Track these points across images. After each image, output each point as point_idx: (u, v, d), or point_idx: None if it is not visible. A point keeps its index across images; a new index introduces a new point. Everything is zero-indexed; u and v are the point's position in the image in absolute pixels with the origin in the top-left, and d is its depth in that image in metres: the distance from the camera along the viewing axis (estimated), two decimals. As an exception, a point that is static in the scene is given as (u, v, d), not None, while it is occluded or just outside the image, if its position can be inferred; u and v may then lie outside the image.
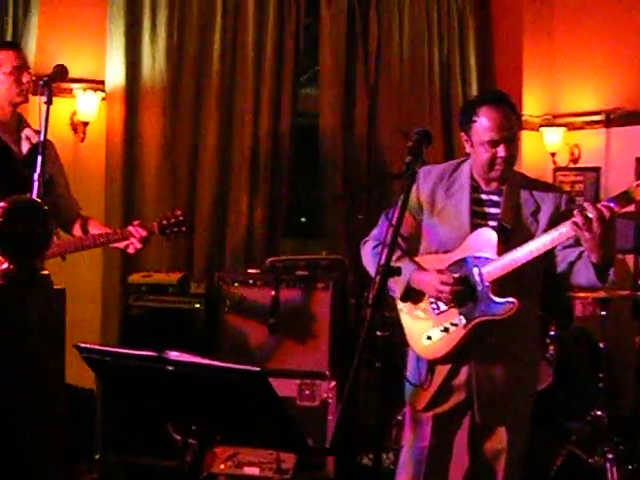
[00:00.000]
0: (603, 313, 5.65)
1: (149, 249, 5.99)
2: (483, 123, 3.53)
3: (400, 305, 3.77)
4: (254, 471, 4.68)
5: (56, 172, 4.53)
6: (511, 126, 3.55)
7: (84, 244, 4.44)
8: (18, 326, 2.41)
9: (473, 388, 3.62)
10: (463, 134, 3.65)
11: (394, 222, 3.04)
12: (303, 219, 7.50)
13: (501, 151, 3.52)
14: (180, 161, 6.27)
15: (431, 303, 3.65)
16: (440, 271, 3.57)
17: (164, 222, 4.56)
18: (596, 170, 7.34)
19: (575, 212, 3.24)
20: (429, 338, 3.64)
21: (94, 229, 4.57)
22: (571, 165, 7.49)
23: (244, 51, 6.42)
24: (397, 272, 2.99)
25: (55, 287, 2.99)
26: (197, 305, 5.39)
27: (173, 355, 2.60)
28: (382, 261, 2.94)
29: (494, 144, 3.52)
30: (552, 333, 5.48)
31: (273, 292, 5.22)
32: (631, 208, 3.29)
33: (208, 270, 6.11)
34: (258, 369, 2.50)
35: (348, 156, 6.84)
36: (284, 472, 4.65)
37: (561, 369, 5.57)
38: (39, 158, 3.47)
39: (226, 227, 6.40)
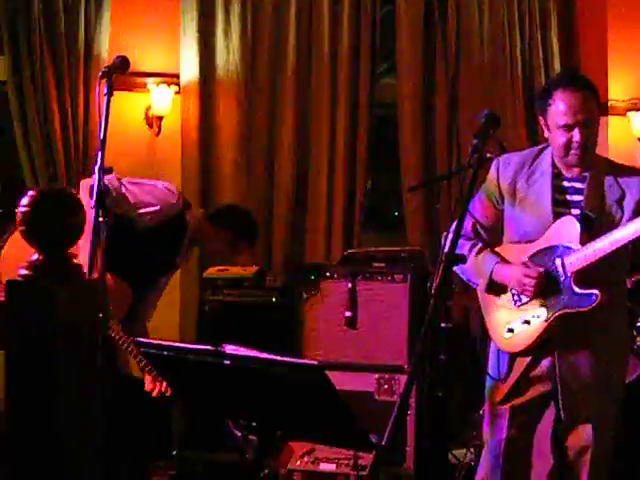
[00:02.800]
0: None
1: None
2: (558, 106, 3.44)
3: (483, 297, 3.70)
4: (331, 467, 4.61)
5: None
6: (588, 110, 3.43)
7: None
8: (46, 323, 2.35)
9: (557, 381, 3.52)
10: (541, 118, 3.57)
11: (479, 218, 2.96)
12: (396, 213, 7.39)
13: (576, 135, 3.42)
14: (256, 155, 6.25)
15: (513, 295, 3.58)
16: (524, 264, 3.50)
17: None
18: (686, 155, 7.09)
19: None
20: (511, 331, 3.57)
21: None
22: (659, 151, 7.25)
23: (319, 43, 6.36)
24: (462, 260, 2.89)
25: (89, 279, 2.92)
26: (273, 299, 5.35)
27: (230, 349, 2.55)
28: (446, 249, 2.83)
29: (569, 128, 3.42)
30: (639, 324, 5.28)
31: (350, 284, 5.12)
32: None
33: (286, 264, 6.06)
34: (316, 363, 2.41)
35: (428, 145, 6.73)
36: (361, 468, 4.57)
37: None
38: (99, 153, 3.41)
39: (304, 220, 6.34)
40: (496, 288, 3.62)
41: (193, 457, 5.26)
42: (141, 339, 2.74)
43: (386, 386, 5.04)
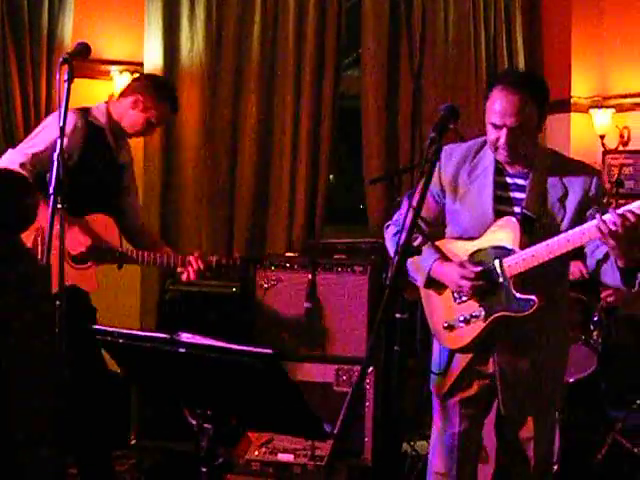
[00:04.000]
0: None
1: (187, 233, 6.01)
2: (492, 103, 3.33)
3: (422, 292, 3.66)
4: (288, 458, 4.62)
5: (128, 164, 4.74)
6: (519, 114, 3.27)
7: (144, 260, 4.50)
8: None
9: (497, 379, 3.51)
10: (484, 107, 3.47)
11: (414, 204, 2.93)
12: (361, 206, 7.39)
13: (502, 137, 3.31)
14: (220, 144, 6.23)
15: (453, 292, 3.53)
16: (462, 264, 3.43)
17: (223, 262, 4.61)
18: (646, 153, 7.17)
19: (597, 219, 3.08)
20: (450, 327, 3.54)
21: (159, 250, 4.60)
22: (620, 148, 7.32)
23: (285, 33, 6.35)
24: (417, 252, 2.90)
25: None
26: (233, 289, 5.35)
27: (185, 337, 2.55)
28: (401, 241, 2.83)
29: (497, 127, 3.33)
30: (596, 319, 5.34)
31: (310, 276, 5.14)
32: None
33: (247, 254, 6.06)
34: (270, 351, 2.42)
35: (391, 138, 6.75)
36: (319, 459, 4.59)
37: (606, 355, 5.43)
38: (59, 141, 3.42)
39: (266, 211, 6.35)
40: (436, 284, 3.56)
41: (152, 446, 5.26)
42: (98, 327, 2.73)
43: (345, 377, 5.05)
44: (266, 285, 5.23)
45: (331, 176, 6.83)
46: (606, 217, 3.07)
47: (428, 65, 6.86)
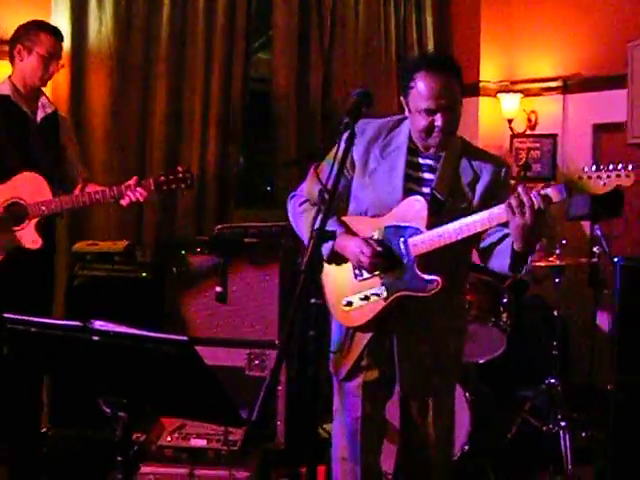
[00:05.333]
0: (557, 280, 5.61)
1: (96, 217, 5.91)
2: (420, 90, 3.32)
3: (325, 268, 3.63)
4: (201, 443, 4.58)
5: (67, 142, 4.95)
6: (451, 94, 3.32)
7: (80, 200, 4.63)
8: None
9: (395, 361, 3.53)
10: (402, 99, 3.47)
11: (328, 185, 2.92)
12: (268, 188, 7.38)
13: (438, 120, 3.32)
14: (129, 127, 6.12)
15: (354, 269, 3.52)
16: (365, 240, 3.43)
17: (161, 179, 4.64)
18: (553, 137, 7.28)
19: (512, 196, 3.10)
20: (349, 304, 3.53)
21: (91, 189, 4.74)
22: (528, 132, 7.43)
23: (194, 17, 6.26)
24: (332, 237, 2.89)
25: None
26: (144, 274, 5.29)
27: (99, 324, 2.51)
28: (316, 225, 2.81)
29: (431, 112, 3.32)
30: (504, 301, 5.42)
31: (221, 260, 5.11)
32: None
33: (157, 239, 5.99)
34: (185, 338, 2.39)
35: (302, 122, 6.74)
36: (232, 444, 4.56)
37: (515, 337, 5.52)
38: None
39: (176, 194, 6.27)
40: (337, 258, 3.53)
41: (64, 434, 5.17)
42: (7, 315, 2.66)
43: (257, 361, 5.05)
44: (176, 270, 5.19)
45: (241, 159, 6.79)
46: (518, 195, 3.09)
47: (338, 47, 6.87)
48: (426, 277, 3.35)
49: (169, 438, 4.60)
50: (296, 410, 5.07)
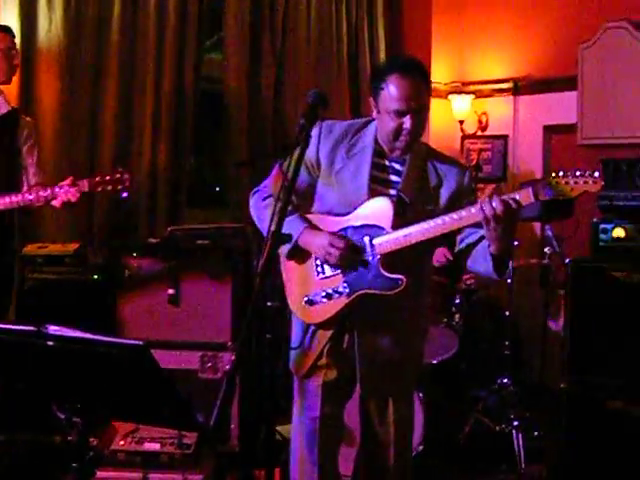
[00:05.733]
0: (509, 281, 5.65)
1: (47, 219, 5.84)
2: (391, 92, 3.36)
3: (285, 265, 3.64)
4: (155, 447, 4.54)
5: (25, 146, 4.98)
6: (420, 97, 3.36)
7: (13, 202, 4.59)
8: None
9: (356, 360, 3.53)
10: (371, 99, 3.49)
11: (294, 184, 2.92)
12: (217, 188, 7.35)
13: (407, 122, 3.36)
14: (79, 126, 6.04)
15: (317, 266, 3.52)
16: (335, 233, 3.44)
17: (97, 180, 4.57)
18: (504, 138, 7.36)
19: (484, 202, 3.13)
20: (310, 302, 3.52)
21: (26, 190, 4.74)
22: (479, 133, 7.48)
23: (145, 16, 6.20)
24: (287, 239, 2.89)
25: None
26: (95, 276, 5.23)
27: (53, 329, 2.47)
28: (272, 227, 2.81)
29: (400, 114, 3.36)
30: (457, 301, 5.44)
31: (173, 262, 5.08)
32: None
33: (108, 241, 5.94)
34: (141, 343, 2.37)
35: (253, 123, 6.72)
36: (186, 447, 4.54)
37: (467, 337, 5.55)
38: None
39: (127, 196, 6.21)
40: (300, 255, 3.54)
41: (16, 440, 5.09)
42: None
43: (210, 364, 5.02)
44: (128, 272, 5.14)
45: (192, 159, 6.76)
46: (490, 200, 3.13)
47: (290, 48, 6.86)
48: (391, 276, 3.36)
49: (122, 442, 4.56)
50: (250, 413, 5.05)
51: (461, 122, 7.43)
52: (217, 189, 7.29)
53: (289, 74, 6.85)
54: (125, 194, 4.70)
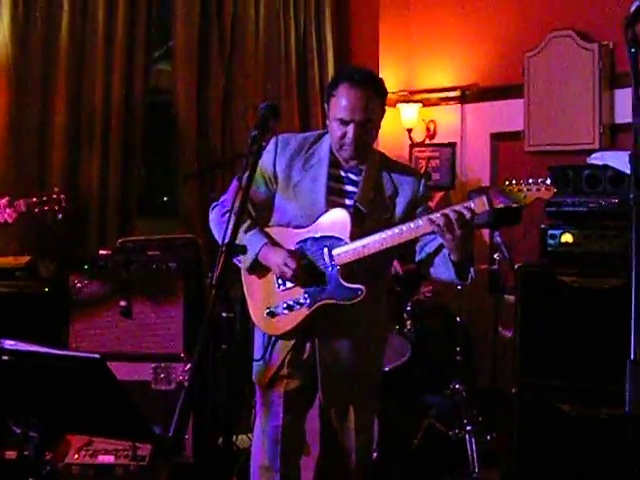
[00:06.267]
0: (459, 287, 5.70)
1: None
2: (338, 100, 3.43)
3: (246, 278, 3.68)
4: (109, 459, 4.54)
5: None
6: (368, 110, 3.41)
7: None
8: None
9: (317, 369, 3.57)
10: (326, 105, 3.55)
11: (250, 198, 2.95)
12: (165, 198, 7.34)
13: (350, 132, 3.41)
14: (27, 138, 5.98)
15: (277, 278, 3.56)
16: (290, 252, 3.49)
17: (33, 200, 4.51)
18: (452, 146, 7.41)
19: (438, 215, 3.21)
20: (272, 314, 3.57)
21: None
22: (427, 141, 7.54)
23: (94, 24, 6.15)
24: (242, 251, 2.91)
25: None
26: (46, 289, 5.19)
27: (8, 344, 2.47)
28: (227, 239, 2.83)
29: (344, 123, 3.42)
30: (408, 309, 5.48)
31: (124, 274, 5.07)
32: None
33: (59, 253, 5.89)
34: (97, 356, 2.37)
35: (202, 133, 6.72)
36: (140, 459, 4.53)
37: (419, 344, 5.60)
38: None
39: (77, 207, 6.17)
40: (260, 269, 3.58)
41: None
42: None
43: (163, 375, 5.01)
44: (79, 284, 5.12)
45: (142, 171, 6.74)
46: (443, 211, 3.21)
47: (239, 59, 6.87)
48: (350, 286, 3.41)
49: (76, 456, 4.55)
50: (205, 424, 5.05)
51: (409, 130, 7.49)
52: (165, 199, 7.29)
53: (238, 85, 6.86)
54: (60, 215, 4.67)
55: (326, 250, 3.46)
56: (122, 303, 5.04)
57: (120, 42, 6.26)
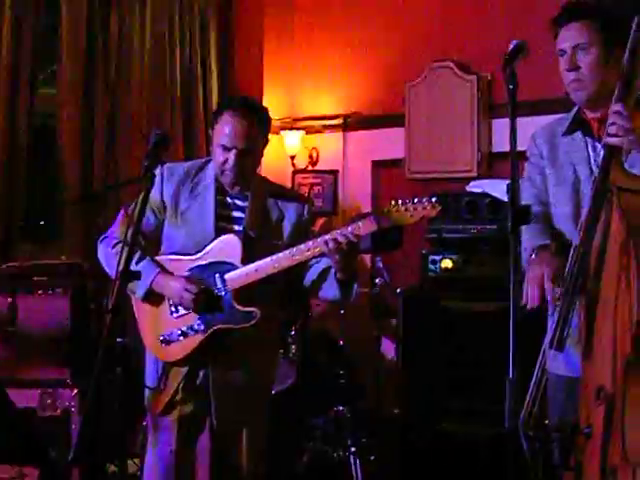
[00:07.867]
0: (342, 311, 5.80)
1: None
2: (221, 126, 3.54)
3: (138, 306, 3.70)
4: (-7, 487, 4.48)
5: None
6: (248, 138, 3.53)
7: None
8: None
9: (210, 393, 3.62)
10: (211, 130, 3.66)
11: (140, 227, 3.00)
12: (42, 222, 7.24)
13: (230, 159, 3.52)
14: None
15: (170, 306, 3.61)
16: (188, 278, 3.54)
17: None
18: (334, 172, 7.51)
19: (328, 237, 3.32)
20: (166, 341, 3.61)
21: None
22: (310, 168, 7.64)
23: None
24: (137, 277, 2.96)
25: None
26: None
27: None
28: (121, 266, 2.87)
29: (225, 149, 3.53)
30: (293, 333, 5.57)
31: (10, 299, 5.03)
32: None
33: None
34: (-5, 381, 2.39)
35: (87, 158, 6.69)
36: (26, 486, 4.48)
37: (303, 367, 5.68)
38: None
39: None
40: (153, 297, 3.62)
41: None
42: None
43: (49, 401, 4.96)
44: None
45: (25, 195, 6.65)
46: (331, 234, 3.33)
47: (124, 85, 6.86)
48: (244, 309, 3.49)
49: (-41, 484, 4.47)
50: (88, 448, 5.02)
51: (292, 157, 7.57)
52: (42, 223, 7.21)
53: (123, 110, 6.85)
54: None
55: (218, 276, 3.53)
56: (8, 328, 4.99)
57: (4, 66, 6.20)
